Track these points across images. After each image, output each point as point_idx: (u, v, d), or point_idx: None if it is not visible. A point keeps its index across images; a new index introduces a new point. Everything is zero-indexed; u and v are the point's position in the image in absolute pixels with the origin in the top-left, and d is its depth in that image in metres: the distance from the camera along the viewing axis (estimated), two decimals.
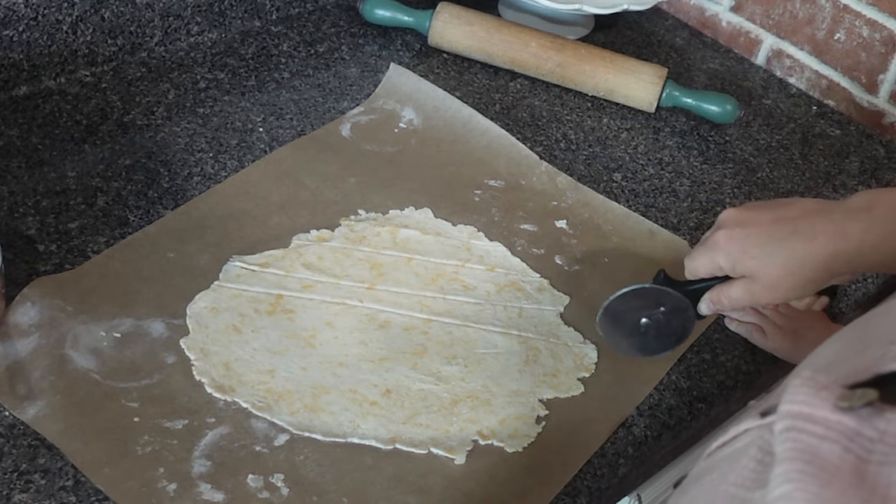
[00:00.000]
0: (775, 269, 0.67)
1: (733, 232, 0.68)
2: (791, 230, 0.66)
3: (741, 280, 0.69)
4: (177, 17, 1.01)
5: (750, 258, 0.67)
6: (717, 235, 0.69)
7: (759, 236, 0.67)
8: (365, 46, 1.09)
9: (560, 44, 1.09)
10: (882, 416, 0.36)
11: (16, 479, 0.62)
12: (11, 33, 0.88)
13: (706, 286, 0.71)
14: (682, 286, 0.72)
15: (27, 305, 0.72)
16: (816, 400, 0.37)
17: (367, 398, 0.72)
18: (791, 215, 0.67)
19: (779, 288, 0.67)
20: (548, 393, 0.75)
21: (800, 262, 0.65)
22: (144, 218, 0.82)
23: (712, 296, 0.71)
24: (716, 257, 0.69)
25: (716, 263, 0.69)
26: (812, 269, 0.66)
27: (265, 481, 0.65)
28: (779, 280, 0.67)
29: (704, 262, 0.70)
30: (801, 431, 0.36)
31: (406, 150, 0.96)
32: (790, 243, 0.66)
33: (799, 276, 0.66)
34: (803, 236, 0.65)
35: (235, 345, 0.73)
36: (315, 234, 0.83)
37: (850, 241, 0.63)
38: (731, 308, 0.72)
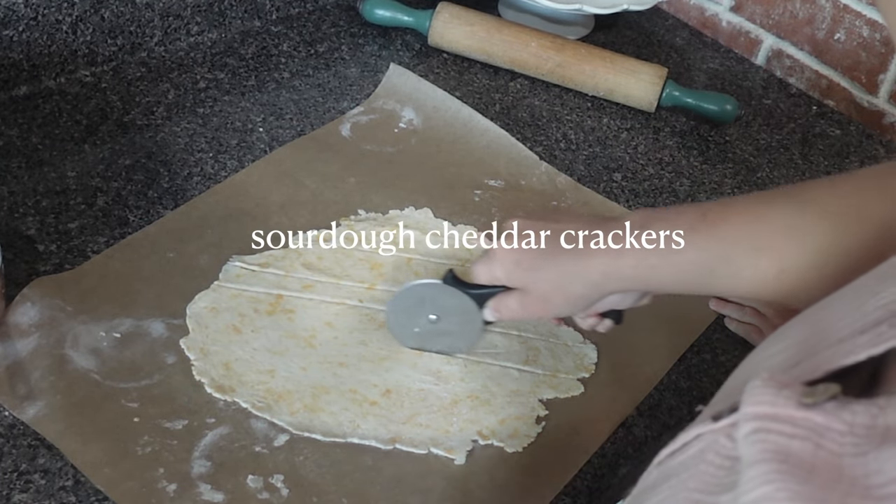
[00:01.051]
0: (546, 283, 0.65)
1: (510, 242, 0.67)
2: (566, 245, 0.65)
3: (517, 291, 0.67)
4: (177, 17, 1.00)
5: (523, 270, 0.66)
6: (497, 245, 0.67)
7: (536, 249, 0.65)
8: (365, 46, 1.09)
9: (560, 44, 1.09)
10: (847, 408, 0.36)
11: (16, 479, 0.62)
12: (11, 33, 0.88)
13: (492, 292, 0.69)
14: (471, 288, 0.70)
15: (27, 305, 0.72)
16: (780, 399, 0.37)
17: (367, 398, 0.72)
18: (569, 230, 0.65)
19: (549, 303, 0.66)
20: (548, 393, 0.75)
21: (571, 277, 0.64)
22: (144, 218, 0.82)
23: (493, 304, 0.70)
24: (493, 267, 0.67)
25: (493, 273, 0.68)
26: (583, 286, 0.64)
27: (265, 482, 0.65)
28: (549, 295, 0.66)
29: (483, 271, 0.68)
30: (769, 432, 0.36)
31: (406, 150, 0.96)
32: (562, 259, 0.64)
33: (569, 293, 0.65)
34: (576, 253, 0.64)
35: (235, 345, 0.73)
36: (315, 233, 0.83)
37: (625, 258, 0.62)
38: (509, 318, 0.70)
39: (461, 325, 0.72)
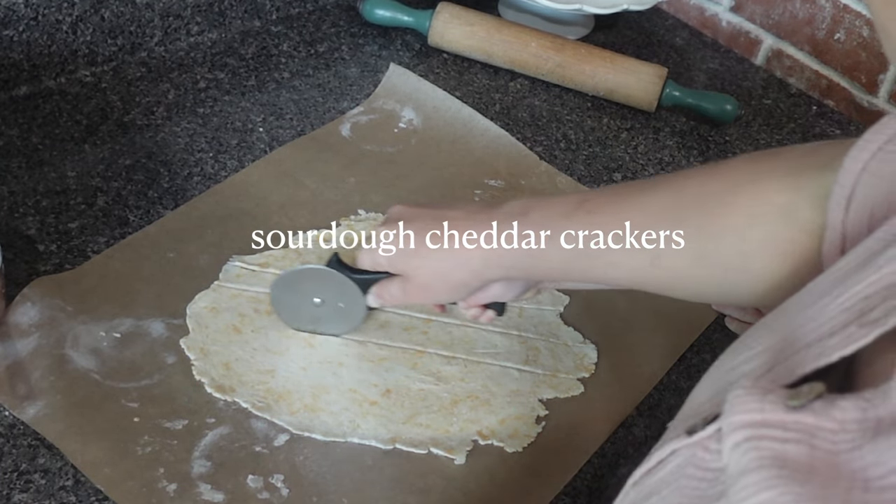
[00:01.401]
0: (426, 270, 0.65)
1: (391, 228, 0.67)
2: (447, 232, 0.65)
3: (399, 278, 0.68)
4: (177, 17, 1.00)
5: (404, 257, 0.66)
6: (378, 231, 0.67)
7: (416, 236, 0.65)
8: (365, 46, 1.09)
9: (560, 44, 1.09)
10: (835, 405, 0.36)
11: (16, 479, 0.62)
12: (11, 33, 0.88)
13: (376, 278, 0.69)
14: (355, 272, 0.70)
15: (27, 305, 0.72)
16: (766, 405, 0.37)
17: (367, 398, 0.72)
18: (451, 216, 0.65)
19: (430, 290, 0.67)
20: (548, 393, 0.75)
21: (452, 264, 0.64)
22: (144, 218, 0.82)
23: (377, 290, 0.70)
24: (375, 253, 0.67)
25: (375, 259, 0.68)
26: (463, 273, 0.64)
27: (265, 482, 0.65)
28: (429, 281, 0.66)
29: (367, 257, 0.68)
30: (761, 439, 0.36)
31: (406, 150, 0.96)
32: (443, 245, 0.64)
33: (451, 280, 0.65)
34: (458, 239, 0.64)
35: (235, 345, 0.73)
36: (315, 233, 0.83)
37: (505, 246, 0.62)
38: (392, 304, 0.70)
39: (345, 308, 0.72)
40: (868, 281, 0.40)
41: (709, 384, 0.45)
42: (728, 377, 0.44)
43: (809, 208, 0.54)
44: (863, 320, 0.39)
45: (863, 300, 0.40)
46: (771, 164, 0.57)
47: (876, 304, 0.39)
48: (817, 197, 0.53)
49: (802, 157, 0.56)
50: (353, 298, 0.71)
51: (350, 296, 0.71)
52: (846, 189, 0.51)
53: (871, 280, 0.40)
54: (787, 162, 0.56)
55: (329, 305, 0.73)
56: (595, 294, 0.83)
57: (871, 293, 0.40)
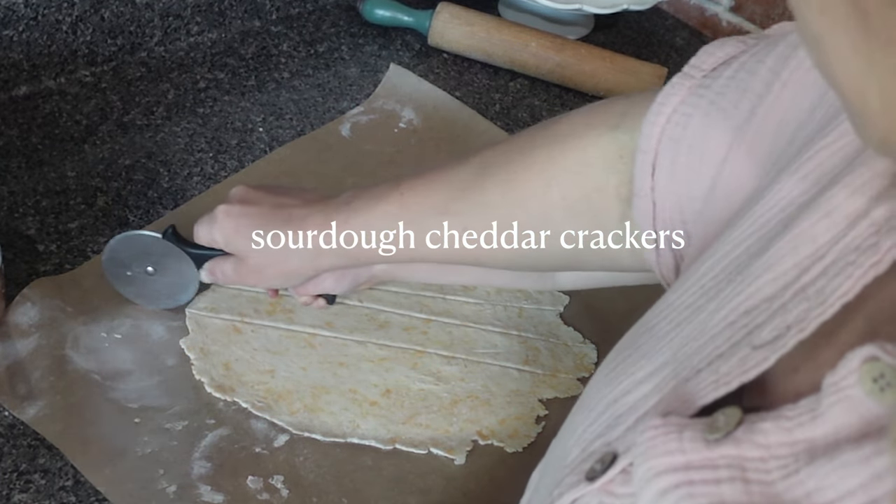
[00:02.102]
0: (259, 254, 0.66)
1: (232, 209, 0.67)
2: (285, 218, 0.65)
3: (234, 257, 0.68)
4: (177, 17, 1.00)
5: (241, 238, 0.66)
6: (218, 208, 0.67)
7: (254, 218, 0.66)
8: (365, 46, 1.09)
9: (560, 44, 1.09)
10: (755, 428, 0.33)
11: (16, 479, 0.62)
12: (11, 33, 0.88)
13: (211, 254, 0.70)
14: (190, 246, 0.70)
15: (27, 305, 0.72)
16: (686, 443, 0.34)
17: (367, 398, 0.72)
18: (290, 203, 0.66)
19: (261, 273, 0.67)
20: (548, 393, 0.75)
21: (284, 251, 0.65)
22: (144, 218, 0.82)
23: (210, 266, 0.70)
24: (212, 229, 0.67)
25: (212, 236, 0.68)
26: (297, 260, 0.65)
27: (265, 482, 0.65)
28: (262, 265, 0.67)
29: (204, 232, 0.68)
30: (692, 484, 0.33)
31: (406, 150, 0.96)
32: (279, 231, 0.65)
33: (284, 266, 0.66)
34: (294, 225, 0.65)
35: (235, 345, 0.73)
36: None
37: (334, 232, 0.64)
38: (224, 282, 0.71)
39: (177, 281, 0.72)
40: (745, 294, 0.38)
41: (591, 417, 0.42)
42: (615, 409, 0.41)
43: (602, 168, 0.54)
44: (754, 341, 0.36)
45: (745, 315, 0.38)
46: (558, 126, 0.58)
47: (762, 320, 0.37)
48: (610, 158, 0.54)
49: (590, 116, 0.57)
50: (186, 272, 0.71)
51: (183, 269, 0.71)
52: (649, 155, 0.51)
53: (748, 292, 0.38)
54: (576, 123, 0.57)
55: (161, 276, 0.72)
56: (595, 294, 0.83)
57: (751, 307, 0.38)
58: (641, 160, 0.52)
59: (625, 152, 0.54)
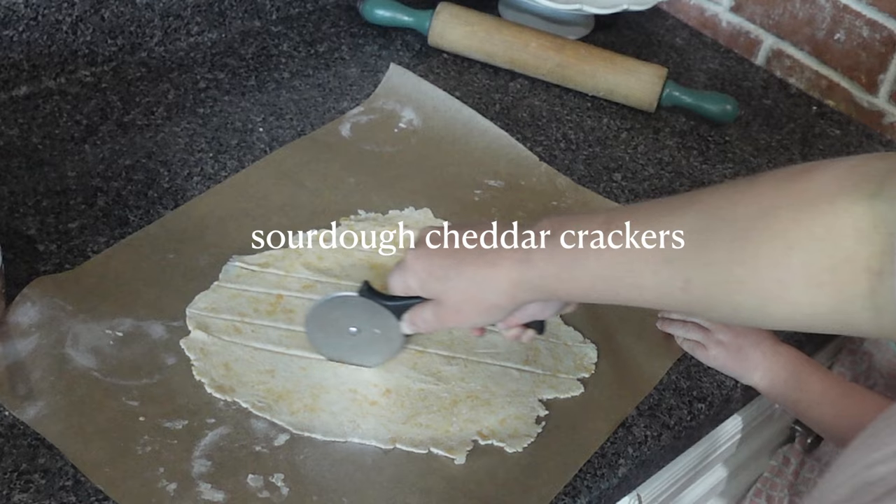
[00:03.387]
0: (457, 292, 0.64)
1: (422, 251, 0.65)
2: (477, 253, 0.63)
3: (431, 302, 0.66)
4: (177, 17, 1.01)
5: (435, 280, 0.65)
6: (408, 254, 0.66)
7: (445, 257, 0.64)
8: (365, 46, 1.09)
9: (560, 44, 1.09)
10: None
11: (16, 479, 0.62)
12: (11, 33, 0.88)
13: (409, 304, 0.68)
14: (389, 299, 0.69)
15: (27, 305, 0.72)
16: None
17: (367, 398, 0.72)
18: (479, 239, 0.64)
19: (462, 312, 0.65)
20: (548, 393, 0.75)
21: (482, 286, 0.63)
22: (144, 218, 0.82)
23: (409, 316, 0.68)
24: (406, 277, 0.66)
25: (406, 283, 0.66)
26: (495, 295, 0.63)
27: (265, 481, 0.65)
28: (461, 304, 0.64)
29: (398, 281, 0.67)
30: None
31: (406, 150, 0.96)
32: (474, 266, 0.63)
33: (481, 302, 0.63)
34: (487, 260, 0.62)
35: (235, 345, 0.73)
36: (315, 233, 0.83)
37: (534, 267, 0.61)
38: (426, 330, 0.69)
39: (381, 336, 0.71)
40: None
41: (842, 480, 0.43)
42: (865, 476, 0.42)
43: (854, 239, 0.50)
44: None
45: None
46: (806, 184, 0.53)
47: None
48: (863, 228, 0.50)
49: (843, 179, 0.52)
50: (389, 326, 0.69)
51: (385, 323, 0.69)
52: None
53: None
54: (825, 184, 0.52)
55: (365, 334, 0.71)
56: None
57: None
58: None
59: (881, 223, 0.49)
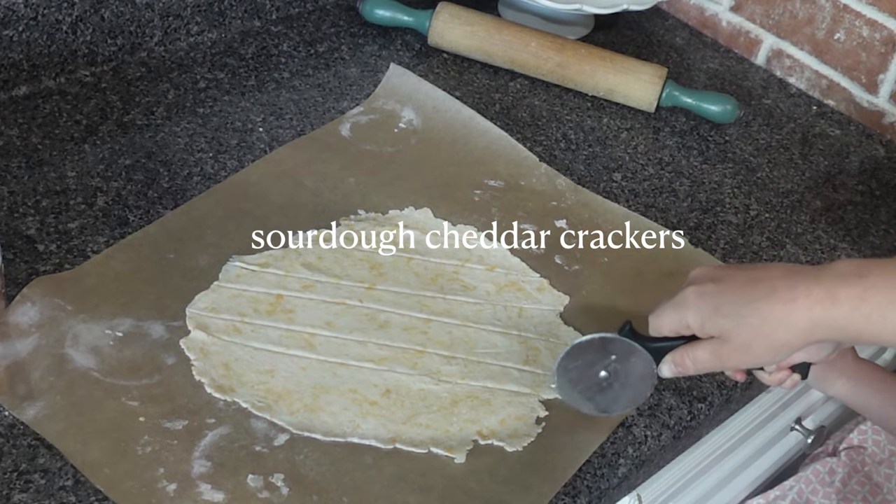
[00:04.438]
0: (748, 329, 0.62)
1: (705, 288, 0.64)
2: (769, 289, 0.61)
3: (709, 341, 0.64)
4: (177, 17, 1.01)
5: (722, 317, 0.63)
6: (687, 291, 0.64)
7: (733, 293, 0.63)
8: (365, 46, 1.09)
9: (560, 44, 1.09)
10: None
11: (16, 479, 0.62)
12: (11, 33, 0.88)
13: (670, 346, 0.66)
14: (646, 341, 0.67)
15: (27, 305, 0.72)
16: None
17: (367, 398, 0.72)
18: (770, 275, 0.62)
19: (750, 351, 0.63)
20: (548, 393, 0.75)
21: (776, 323, 0.61)
22: (144, 218, 0.82)
23: (675, 357, 0.66)
24: (685, 314, 0.64)
25: (684, 321, 0.64)
26: (789, 333, 0.61)
27: (265, 481, 0.65)
28: (751, 342, 0.62)
29: (671, 319, 0.65)
30: None
31: (406, 150, 0.96)
32: (767, 303, 0.61)
33: (773, 340, 0.62)
34: (782, 297, 0.61)
35: (235, 345, 0.73)
36: (315, 233, 0.83)
37: (841, 306, 0.59)
38: (695, 371, 0.67)
39: (632, 381, 0.68)
40: None
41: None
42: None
43: None
44: None
45: None
46: None
47: None
48: None
49: None
50: (643, 370, 0.67)
51: (640, 367, 0.67)
52: None
53: None
54: None
55: (616, 379, 0.68)
56: (595, 294, 0.83)
57: None
58: None
59: None
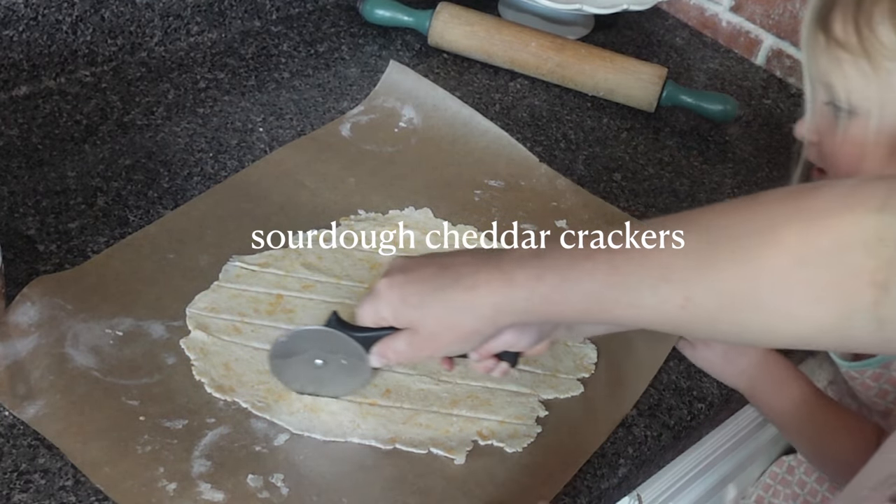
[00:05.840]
0: (434, 319, 0.62)
1: (394, 279, 0.63)
2: (454, 278, 0.61)
3: (406, 331, 0.64)
4: (177, 17, 1.01)
5: (409, 307, 0.62)
6: (379, 283, 0.64)
7: (420, 283, 0.62)
8: (365, 46, 1.09)
9: (560, 44, 1.09)
10: None
11: (16, 479, 0.62)
12: (11, 33, 0.88)
13: (377, 335, 0.65)
14: (356, 330, 0.66)
15: (27, 305, 0.72)
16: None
17: (367, 398, 0.72)
18: (456, 262, 0.62)
19: (440, 340, 0.63)
20: (548, 393, 0.75)
21: (461, 311, 0.61)
22: (144, 218, 0.82)
23: (379, 349, 0.66)
24: (378, 306, 0.63)
25: (378, 313, 0.64)
26: (474, 320, 0.61)
27: (265, 481, 0.65)
28: (439, 331, 0.62)
29: (368, 311, 0.64)
30: None
31: (406, 150, 0.96)
32: (451, 292, 0.61)
33: (461, 328, 0.61)
34: (464, 284, 0.60)
35: (235, 345, 0.73)
36: (315, 233, 0.83)
37: (519, 289, 0.59)
38: (397, 361, 0.67)
39: (349, 367, 0.68)
40: None
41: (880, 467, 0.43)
42: None
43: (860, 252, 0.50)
44: None
45: None
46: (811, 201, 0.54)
47: None
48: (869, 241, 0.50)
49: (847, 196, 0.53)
50: (357, 357, 0.67)
51: (353, 355, 0.67)
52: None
53: None
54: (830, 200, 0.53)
55: (332, 366, 0.69)
56: None
57: None
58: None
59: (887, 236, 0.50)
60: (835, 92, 0.71)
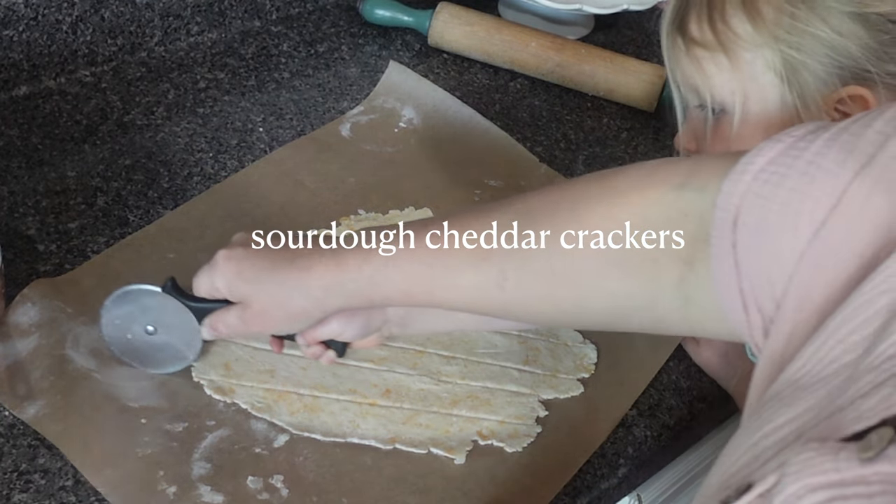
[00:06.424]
0: (266, 295, 0.62)
1: (234, 252, 0.63)
2: (289, 259, 0.62)
3: (238, 305, 0.64)
4: (177, 17, 1.00)
5: (243, 282, 0.63)
6: (218, 254, 0.64)
7: (259, 259, 0.62)
8: (365, 46, 1.09)
9: (560, 44, 1.09)
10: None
11: (16, 479, 0.62)
12: (11, 33, 0.88)
13: (212, 307, 0.65)
14: (192, 299, 0.65)
15: (27, 305, 0.72)
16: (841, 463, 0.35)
17: (367, 398, 0.72)
18: (299, 248, 0.62)
19: (269, 316, 0.63)
20: (548, 393, 0.75)
21: (291, 290, 0.61)
22: (144, 218, 0.82)
23: (211, 321, 0.66)
24: (213, 277, 0.63)
25: (213, 284, 0.64)
26: (304, 300, 0.61)
27: (265, 482, 0.65)
28: (269, 308, 0.63)
29: (204, 282, 0.64)
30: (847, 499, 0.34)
31: (406, 150, 0.96)
32: (284, 272, 0.61)
33: (290, 307, 0.62)
34: (300, 264, 0.61)
35: (235, 345, 0.73)
36: (315, 233, 0.83)
37: (348, 271, 0.60)
38: (228, 335, 0.66)
39: (178, 339, 0.67)
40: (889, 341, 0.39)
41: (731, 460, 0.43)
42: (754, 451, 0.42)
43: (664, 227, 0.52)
44: None
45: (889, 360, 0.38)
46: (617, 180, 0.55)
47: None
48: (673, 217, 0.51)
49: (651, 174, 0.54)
50: (188, 329, 0.66)
51: (185, 326, 0.66)
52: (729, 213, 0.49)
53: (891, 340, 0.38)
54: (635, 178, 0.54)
55: (162, 335, 0.67)
56: None
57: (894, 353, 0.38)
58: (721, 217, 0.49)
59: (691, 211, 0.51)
60: (701, 93, 0.72)
